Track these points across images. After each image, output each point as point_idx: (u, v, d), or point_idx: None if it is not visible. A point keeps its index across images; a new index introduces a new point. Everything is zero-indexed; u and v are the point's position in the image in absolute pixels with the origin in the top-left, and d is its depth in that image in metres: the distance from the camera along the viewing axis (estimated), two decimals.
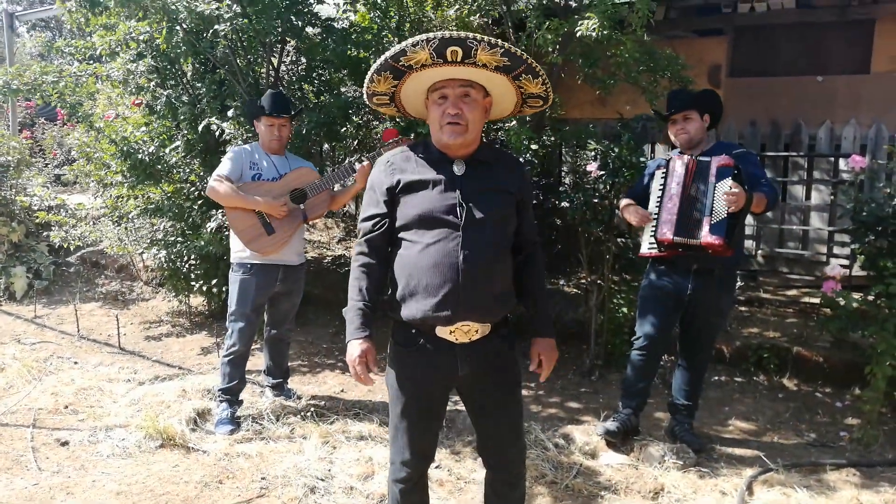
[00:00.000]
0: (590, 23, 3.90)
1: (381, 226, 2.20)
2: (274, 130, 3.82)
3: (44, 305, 6.44)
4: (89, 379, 4.47)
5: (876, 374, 3.63)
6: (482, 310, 2.10)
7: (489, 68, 2.05)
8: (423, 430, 2.25)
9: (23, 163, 7.63)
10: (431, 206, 2.10)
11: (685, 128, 3.49)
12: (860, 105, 5.76)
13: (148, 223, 5.77)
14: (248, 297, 3.79)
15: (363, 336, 2.14)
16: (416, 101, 2.25)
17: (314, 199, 3.84)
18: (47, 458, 3.47)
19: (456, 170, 2.14)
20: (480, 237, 2.08)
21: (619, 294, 4.76)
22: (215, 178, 3.71)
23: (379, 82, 2.14)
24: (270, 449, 3.53)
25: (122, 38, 4.76)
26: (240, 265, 3.82)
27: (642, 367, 3.59)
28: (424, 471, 2.35)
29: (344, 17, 5.40)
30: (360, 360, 2.12)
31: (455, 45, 1.98)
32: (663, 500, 3.11)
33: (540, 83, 2.13)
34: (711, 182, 3.28)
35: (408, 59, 2.03)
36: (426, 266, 2.07)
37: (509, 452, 2.29)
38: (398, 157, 2.22)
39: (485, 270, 2.08)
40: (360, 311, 2.16)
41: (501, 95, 2.21)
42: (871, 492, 3.15)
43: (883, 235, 3.73)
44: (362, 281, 2.19)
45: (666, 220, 3.38)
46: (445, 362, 2.14)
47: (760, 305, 5.31)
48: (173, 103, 5.13)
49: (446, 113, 2.10)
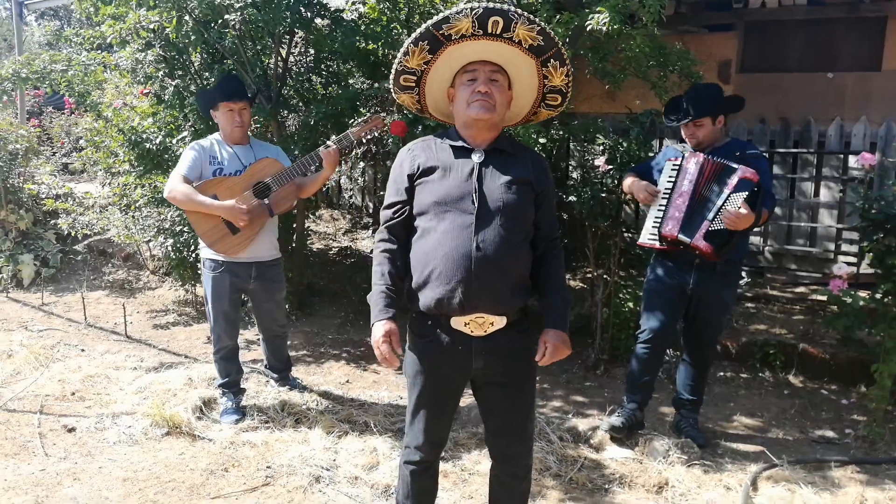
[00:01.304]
0: (600, 17, 3.89)
1: (402, 213, 2.21)
2: (234, 116, 3.62)
3: (51, 293, 6.47)
4: (96, 366, 4.49)
5: (882, 371, 3.63)
6: (495, 300, 2.10)
7: (523, 46, 2.10)
8: (437, 419, 2.27)
9: (31, 151, 7.65)
10: (447, 193, 2.11)
11: (695, 133, 3.47)
12: (871, 102, 5.73)
13: (155, 212, 5.78)
14: (223, 294, 3.68)
15: (387, 317, 2.15)
16: (439, 92, 2.26)
17: (280, 192, 3.62)
18: (54, 445, 3.50)
19: (475, 158, 2.15)
20: (496, 226, 2.08)
21: (625, 289, 4.76)
22: (173, 180, 3.54)
23: (413, 54, 2.15)
24: (276, 438, 3.55)
25: (132, 26, 4.76)
26: (211, 261, 3.68)
27: (647, 361, 3.58)
28: (437, 456, 2.37)
29: (353, 9, 5.39)
30: (384, 339, 2.12)
31: (497, 16, 2.03)
32: (667, 495, 3.11)
33: (564, 74, 2.17)
34: (727, 189, 3.24)
35: (450, 26, 2.06)
36: (441, 254, 2.08)
37: (515, 446, 2.29)
38: (419, 144, 2.25)
39: (499, 260, 2.07)
40: (384, 294, 2.17)
41: (523, 91, 2.23)
42: (876, 489, 3.15)
43: (892, 233, 3.71)
44: (385, 266, 2.21)
45: (673, 217, 3.36)
46: (460, 355, 2.15)
47: (767, 302, 5.29)
48: (181, 93, 5.14)
49: (476, 91, 2.12)
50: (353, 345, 5.17)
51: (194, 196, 3.51)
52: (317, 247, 6.90)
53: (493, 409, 2.27)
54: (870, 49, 5.89)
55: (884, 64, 5.80)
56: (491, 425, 2.30)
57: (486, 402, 2.29)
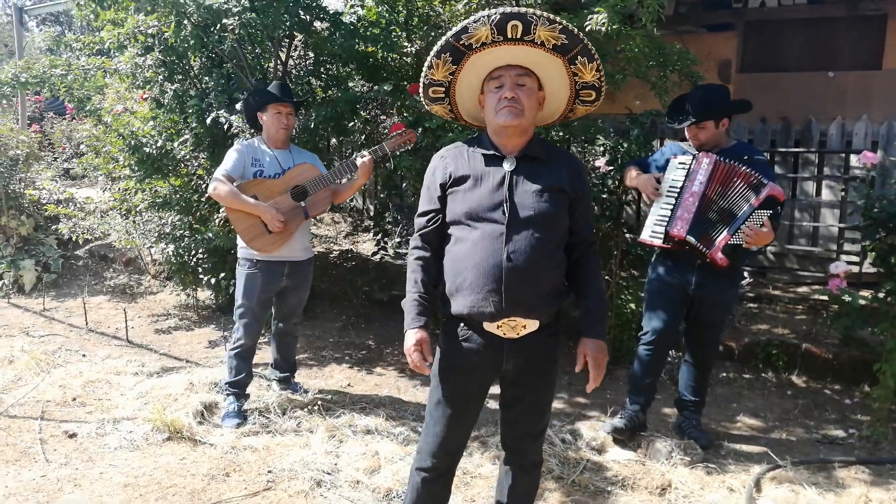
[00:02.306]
0: (599, 17, 3.88)
1: (435, 221, 2.21)
2: (282, 119, 3.77)
3: (52, 298, 6.47)
4: (97, 371, 4.49)
5: (885, 371, 3.61)
6: (527, 307, 2.10)
7: (547, 47, 2.07)
8: (457, 422, 2.25)
9: (31, 156, 7.67)
10: (479, 203, 2.10)
11: (697, 135, 3.46)
12: (872, 101, 5.72)
13: (156, 217, 5.78)
14: (253, 291, 3.78)
15: (418, 325, 2.16)
16: (470, 99, 2.26)
17: (315, 196, 3.78)
18: (55, 450, 3.49)
19: (506, 166, 2.13)
20: (527, 236, 2.07)
21: (627, 290, 4.74)
22: (218, 178, 3.68)
23: (438, 67, 2.14)
24: (277, 442, 3.54)
25: (131, 31, 4.76)
26: (246, 259, 3.80)
27: (649, 362, 3.57)
28: (451, 466, 2.34)
29: (352, 12, 5.38)
30: (415, 347, 2.13)
31: (515, 20, 2.02)
32: (670, 496, 3.10)
33: (594, 69, 2.14)
34: (752, 203, 3.20)
35: (469, 36, 2.06)
36: (472, 263, 2.08)
37: (526, 441, 2.31)
38: (451, 152, 2.24)
39: (531, 270, 2.06)
40: (416, 302, 2.18)
41: (555, 90, 2.21)
42: (880, 489, 3.13)
43: (894, 232, 3.70)
44: (418, 274, 2.21)
45: (682, 217, 3.33)
46: (491, 357, 2.16)
47: (770, 302, 5.28)
48: (181, 97, 5.14)
49: (503, 97, 2.11)
50: (354, 348, 5.16)
51: (237, 195, 3.64)
52: (318, 250, 6.90)
53: (512, 403, 2.27)
54: (870, 47, 5.88)
55: (884, 62, 5.79)
56: (506, 417, 2.31)
57: (506, 396, 2.28)
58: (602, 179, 4.43)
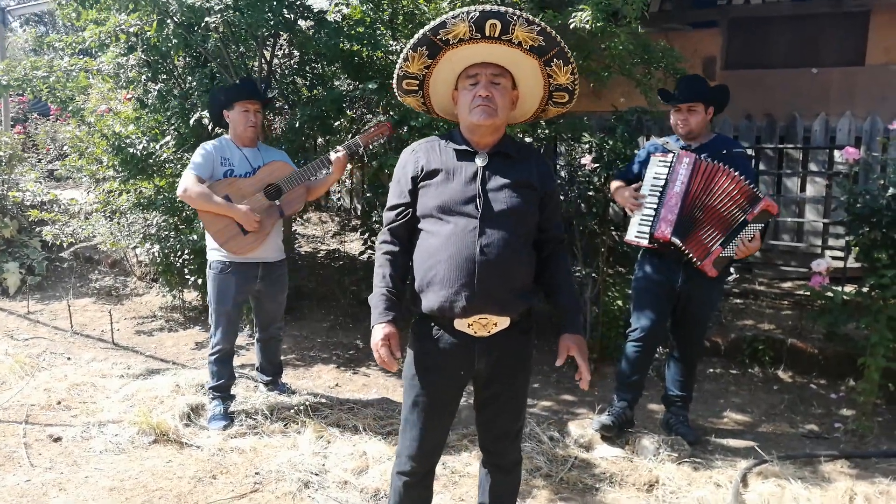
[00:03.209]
0: (583, 14, 3.89)
1: (405, 215, 2.20)
2: (249, 116, 3.70)
3: (37, 301, 6.41)
4: (82, 375, 4.45)
5: (870, 365, 3.64)
6: (499, 303, 2.09)
7: (524, 48, 2.07)
8: (433, 424, 2.23)
9: (15, 158, 7.59)
10: (451, 197, 2.09)
11: (688, 119, 3.46)
12: (855, 97, 5.76)
13: (141, 218, 5.74)
14: (227, 295, 3.72)
15: (386, 320, 2.13)
16: (444, 94, 2.25)
17: (290, 194, 3.72)
18: (40, 455, 3.45)
19: (478, 161, 2.13)
20: (499, 230, 2.06)
21: (614, 287, 4.76)
22: (186, 179, 3.59)
23: (413, 60, 2.13)
24: (264, 444, 3.52)
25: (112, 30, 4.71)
26: (218, 262, 3.72)
27: (637, 360, 3.58)
28: (431, 467, 2.33)
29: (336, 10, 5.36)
30: (383, 342, 2.10)
31: (494, 19, 2.00)
32: (658, 493, 3.11)
33: (569, 72, 2.14)
34: (747, 218, 3.26)
35: (447, 31, 2.04)
36: (444, 257, 2.07)
37: (504, 441, 2.29)
38: (422, 146, 2.23)
39: (503, 264, 2.06)
40: (384, 297, 2.16)
41: (529, 90, 2.21)
42: (865, 483, 3.15)
43: (877, 227, 3.72)
44: (386, 268, 2.19)
45: (665, 219, 3.35)
46: (463, 355, 2.14)
47: (755, 298, 5.31)
48: (165, 97, 5.10)
49: (477, 95, 2.10)
50: (342, 348, 5.15)
51: (208, 196, 3.57)
52: (305, 250, 6.87)
53: (487, 404, 2.26)
54: (853, 44, 5.91)
55: (867, 59, 5.82)
56: (482, 419, 2.30)
57: (480, 397, 2.27)
58: (588, 177, 4.44)
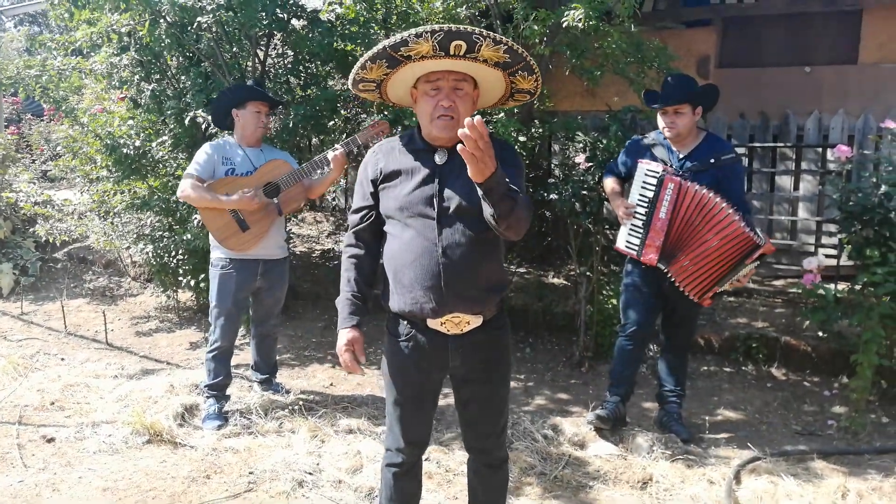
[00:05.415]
0: (576, 13, 3.89)
1: (368, 218, 2.20)
2: (261, 117, 3.74)
3: (30, 302, 6.38)
4: (76, 375, 4.44)
5: (862, 362, 3.65)
6: (468, 301, 2.08)
7: (489, 63, 2.03)
8: (416, 419, 2.25)
9: (8, 159, 7.56)
10: (410, 198, 2.08)
11: (675, 122, 3.42)
12: (848, 95, 5.76)
13: (134, 218, 5.73)
14: (227, 292, 3.74)
15: (351, 325, 2.15)
16: (401, 89, 2.19)
17: (288, 193, 3.74)
18: (33, 455, 3.44)
19: (437, 159, 2.11)
20: (459, 228, 2.05)
21: (608, 285, 4.76)
22: (186, 181, 3.63)
23: (371, 70, 2.08)
24: (258, 443, 3.52)
25: (104, 30, 4.70)
26: (219, 259, 3.76)
27: (629, 354, 3.61)
28: (418, 458, 2.36)
29: (330, 10, 5.36)
30: (346, 348, 2.13)
31: (460, 40, 1.94)
32: (651, 490, 3.12)
33: (533, 80, 2.12)
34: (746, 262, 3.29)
35: (409, 49, 1.98)
36: (408, 261, 2.07)
37: (489, 439, 2.30)
38: (383, 147, 2.21)
39: (466, 263, 2.05)
40: (349, 301, 2.18)
41: (490, 87, 2.18)
42: (858, 479, 3.16)
43: (869, 225, 3.74)
44: (351, 272, 2.21)
45: (651, 244, 3.41)
46: (437, 354, 2.14)
47: (749, 295, 5.31)
48: (158, 97, 5.08)
49: (439, 105, 2.05)
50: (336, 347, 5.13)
51: (205, 193, 3.61)
52: (300, 250, 6.87)
53: (468, 403, 2.26)
54: (847, 42, 5.92)
55: (860, 57, 5.83)
56: (465, 418, 2.30)
57: (461, 396, 2.27)
58: (582, 176, 4.44)
